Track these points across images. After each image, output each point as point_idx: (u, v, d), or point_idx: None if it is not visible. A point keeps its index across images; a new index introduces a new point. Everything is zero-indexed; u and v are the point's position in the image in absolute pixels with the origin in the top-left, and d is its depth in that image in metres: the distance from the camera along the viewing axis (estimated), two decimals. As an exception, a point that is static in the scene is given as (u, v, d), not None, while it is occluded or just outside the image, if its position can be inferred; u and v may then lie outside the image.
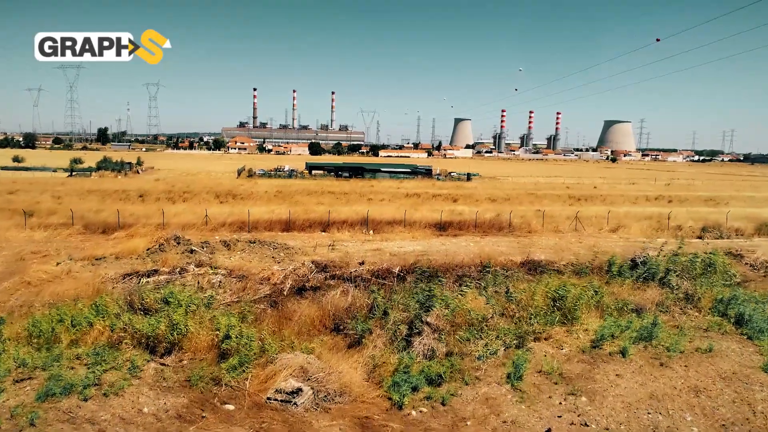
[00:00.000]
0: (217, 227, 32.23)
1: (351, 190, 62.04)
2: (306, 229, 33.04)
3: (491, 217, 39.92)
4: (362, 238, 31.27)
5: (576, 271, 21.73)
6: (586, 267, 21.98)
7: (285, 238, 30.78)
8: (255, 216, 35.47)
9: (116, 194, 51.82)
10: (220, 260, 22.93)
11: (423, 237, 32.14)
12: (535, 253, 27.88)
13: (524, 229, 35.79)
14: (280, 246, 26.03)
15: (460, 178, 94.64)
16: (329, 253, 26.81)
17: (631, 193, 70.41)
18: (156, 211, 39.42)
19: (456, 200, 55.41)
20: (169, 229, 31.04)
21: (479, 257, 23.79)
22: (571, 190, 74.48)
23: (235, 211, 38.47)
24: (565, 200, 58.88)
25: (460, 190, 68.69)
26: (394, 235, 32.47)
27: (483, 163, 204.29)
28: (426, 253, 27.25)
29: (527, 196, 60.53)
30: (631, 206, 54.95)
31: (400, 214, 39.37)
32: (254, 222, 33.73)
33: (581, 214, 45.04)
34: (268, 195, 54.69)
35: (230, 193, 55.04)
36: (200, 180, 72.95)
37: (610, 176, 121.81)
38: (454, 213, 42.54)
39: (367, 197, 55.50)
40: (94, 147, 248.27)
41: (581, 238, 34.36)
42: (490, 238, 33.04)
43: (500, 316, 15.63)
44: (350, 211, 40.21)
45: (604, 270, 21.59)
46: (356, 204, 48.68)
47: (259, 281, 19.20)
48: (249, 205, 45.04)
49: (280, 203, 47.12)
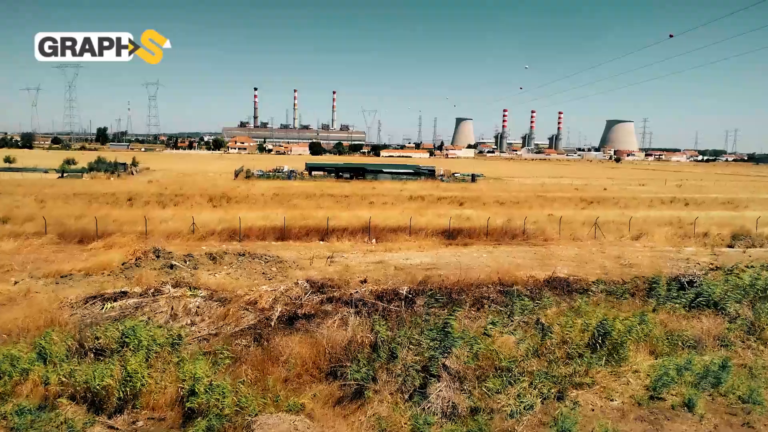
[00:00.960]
0: (206, 236, 29.51)
1: (352, 193, 59.30)
2: (303, 237, 30.29)
3: (502, 223, 37.16)
4: (364, 249, 28.52)
5: (609, 290, 18.95)
6: (620, 287, 19.21)
7: (279, 248, 28.03)
8: (248, 223, 32.75)
9: (104, 197, 49.13)
10: (202, 277, 20.19)
11: (430, 246, 29.39)
12: (557, 266, 25.10)
13: (539, 237, 33.02)
14: (272, 259, 23.29)
15: (464, 179, 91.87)
16: (327, 266, 24.06)
17: (644, 195, 67.59)
18: (143, 216, 36.74)
19: (462, 204, 52.63)
20: (152, 238, 28.35)
21: (497, 273, 21.03)
22: (580, 192, 71.68)
23: (227, 217, 35.75)
24: (577, 203, 56.08)
25: (465, 192, 65.91)
26: (398, 244, 29.71)
27: (485, 163, 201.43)
28: (435, 267, 24.51)
29: (536, 199, 57.74)
30: (647, 210, 52.15)
31: (404, 220, 36.63)
32: (247, 230, 31.01)
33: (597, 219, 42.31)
34: (265, 198, 51.96)
35: (225, 196, 52.32)
36: (195, 181, 70.24)
37: (616, 177, 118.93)
38: (461, 218, 39.78)
39: (368, 200, 52.76)
40: (93, 147, 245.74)
41: (602, 246, 31.58)
42: (503, 247, 30.28)
43: (533, 354, 12.88)
44: (351, 216, 37.48)
45: (643, 289, 18.85)
46: (357, 208, 45.93)
47: (244, 305, 16.45)
48: (244, 210, 42.36)
49: (277, 207, 44.38)
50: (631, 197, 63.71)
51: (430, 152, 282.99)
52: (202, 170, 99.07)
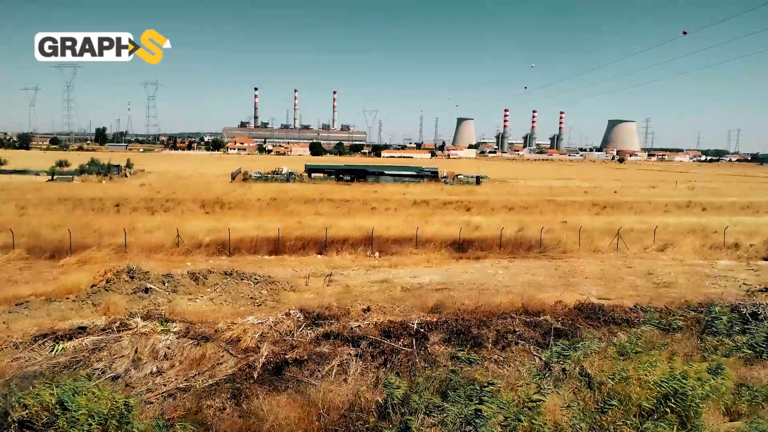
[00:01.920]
0: (192, 249, 26.80)
1: (353, 197, 56.59)
2: (299, 251, 27.58)
3: (515, 232, 34.46)
4: (366, 264, 25.81)
5: (654, 322, 16.21)
6: (666, 316, 16.48)
7: (273, 263, 25.33)
8: (240, 234, 30.05)
9: (91, 203, 46.44)
10: (180, 304, 17.51)
11: (439, 261, 26.68)
12: (583, 286, 22.40)
13: (557, 249, 30.31)
14: (262, 279, 20.57)
15: (468, 181, 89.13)
16: (325, 287, 21.36)
17: (657, 199, 64.82)
18: (128, 225, 34.06)
19: (469, 209, 49.91)
20: (132, 252, 25.69)
21: (520, 298, 18.31)
22: (590, 195, 68.93)
23: (219, 227, 33.05)
24: (589, 208, 53.34)
25: (471, 195, 63.18)
26: (404, 258, 27.00)
27: (488, 163, 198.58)
28: (446, 287, 21.82)
29: (547, 204, 54.99)
30: (664, 215, 49.41)
31: (409, 229, 33.92)
32: (238, 242, 28.30)
33: (614, 227, 39.58)
34: (261, 203, 49.26)
35: (219, 201, 49.61)
36: (190, 185, 67.54)
37: (624, 178, 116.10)
38: (470, 227, 37.06)
39: (370, 206, 50.06)
40: (91, 148, 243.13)
41: (627, 260, 28.86)
42: (519, 261, 27.56)
43: (584, 421, 10.15)
44: (352, 225, 34.77)
45: (692, 319, 16.13)
46: (359, 215, 43.23)
47: (224, 345, 13.75)
48: (237, 217, 39.69)
49: (273, 215, 41.68)
50: (645, 201, 60.95)
51: (431, 152, 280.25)
52: (198, 172, 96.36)
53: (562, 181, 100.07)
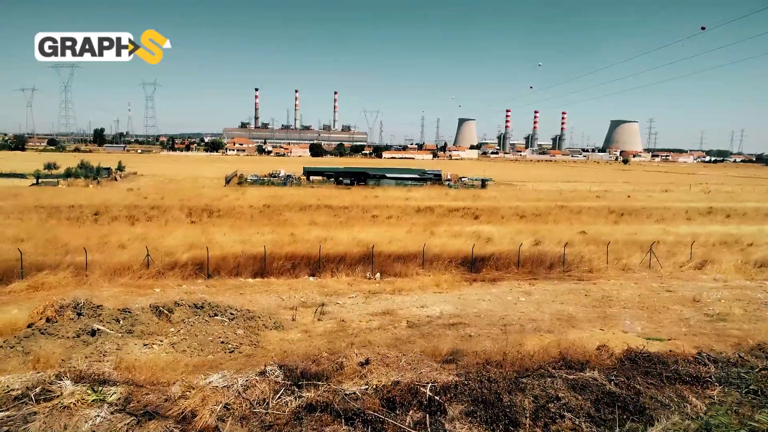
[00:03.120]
0: (165, 270, 23.26)
1: (352, 203, 53.09)
2: (288, 272, 24.05)
3: (531, 245, 30.92)
4: (365, 288, 22.27)
5: (722, 375, 12.65)
6: (745, 370, 12.91)
7: (256, 289, 21.80)
8: (223, 249, 26.56)
9: (69, 211, 43.01)
10: (132, 353, 14.02)
11: (450, 284, 23.12)
12: (622, 318, 18.86)
13: (582, 267, 26.76)
14: (240, 314, 17.06)
15: (473, 184, 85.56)
16: (315, 322, 17.83)
17: (675, 204, 61.23)
18: (101, 238, 30.63)
19: (477, 217, 46.38)
20: (93, 275, 22.18)
21: (555, 342, 14.78)
22: (603, 200, 65.36)
23: (202, 240, 29.57)
24: (606, 216, 49.78)
25: (478, 201, 59.64)
26: (409, 281, 23.48)
27: (491, 165, 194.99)
28: (462, 320, 18.30)
29: (560, 211, 51.45)
30: (688, 224, 45.86)
31: (413, 242, 30.45)
32: (220, 260, 24.75)
33: (638, 239, 36.07)
34: (253, 211, 45.77)
35: (207, 208, 46.14)
36: (181, 189, 64.09)
37: (632, 181, 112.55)
38: (481, 239, 33.55)
39: (371, 213, 46.55)
40: (88, 149, 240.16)
41: (663, 280, 25.31)
42: (542, 284, 24.00)
43: None
44: (350, 238, 31.29)
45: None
46: (358, 224, 39.73)
47: (173, 424, 10.21)
48: (225, 227, 36.24)
49: (265, 225, 38.20)
50: (662, 207, 57.36)
51: (433, 153, 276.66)
52: (193, 175, 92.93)
53: (570, 184, 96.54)
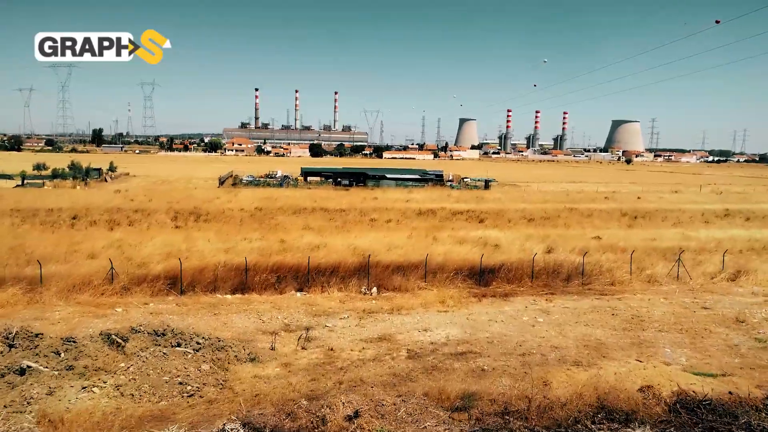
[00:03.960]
0: (132, 285, 20.46)
1: (350, 206, 50.30)
2: (273, 286, 21.24)
3: (543, 253, 28.15)
4: (360, 307, 19.47)
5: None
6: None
7: (234, 307, 19.01)
8: (202, 259, 23.81)
9: (47, 215, 40.27)
10: (64, 400, 11.25)
11: (457, 300, 20.32)
12: (660, 345, 16.06)
13: (603, 279, 23.94)
14: (208, 343, 14.29)
15: (476, 185, 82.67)
16: (298, 352, 15.05)
17: (688, 206, 58.37)
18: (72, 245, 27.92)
19: (483, 220, 43.56)
20: (48, 291, 19.39)
21: (593, 388, 12.01)
22: (612, 201, 62.52)
23: (181, 248, 26.86)
24: (618, 219, 46.94)
25: (482, 203, 56.81)
26: (410, 296, 20.68)
27: (492, 165, 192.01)
28: (472, 348, 15.52)
29: (570, 214, 48.63)
30: (707, 227, 43.05)
31: (414, 250, 27.72)
32: (197, 272, 21.94)
33: (657, 245, 33.30)
34: (243, 215, 42.99)
35: (195, 211, 43.37)
36: (171, 191, 61.35)
37: (639, 181, 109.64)
38: (488, 246, 30.79)
39: (369, 217, 43.77)
40: (85, 149, 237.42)
41: (695, 294, 22.50)
42: (560, 299, 21.19)
43: None
44: (345, 245, 28.53)
45: None
46: (355, 229, 36.98)
47: None
48: (211, 233, 33.50)
49: (254, 230, 35.42)
50: (676, 209, 54.50)
51: (434, 153, 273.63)
52: (187, 176, 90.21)
53: (576, 185, 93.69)
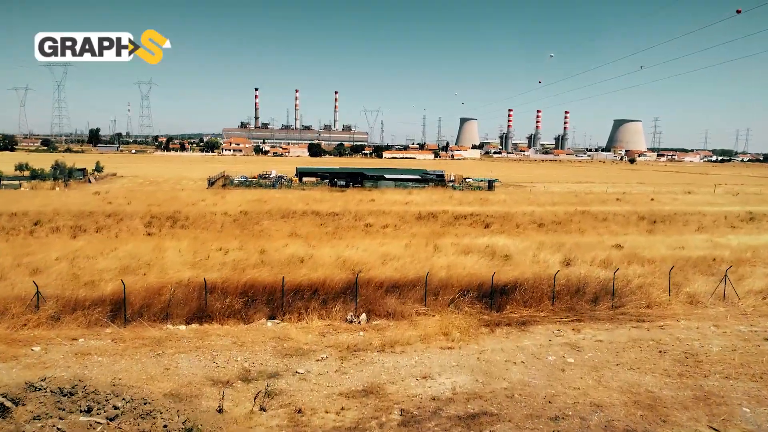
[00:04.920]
0: (64, 314, 16.65)
1: (344, 209, 46.54)
2: (239, 313, 17.45)
3: (561, 265, 24.40)
4: (343, 342, 15.68)
5: None
6: None
7: (184, 344, 15.23)
8: (162, 276, 20.08)
9: (9, 219, 36.61)
10: None
11: (464, 331, 16.54)
12: (732, 401, 12.29)
13: (636, 300, 20.14)
14: (129, 407, 10.52)
15: (479, 186, 78.81)
16: (253, 416, 11.26)
17: (706, 208, 54.56)
18: (17, 257, 24.17)
19: (489, 225, 39.77)
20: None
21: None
22: (625, 203, 58.70)
23: (144, 263, 23.14)
24: (636, 223, 43.12)
25: (486, 206, 53.02)
26: (406, 326, 16.90)
27: (494, 165, 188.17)
28: (487, 410, 11.73)
29: (582, 218, 44.83)
30: (734, 232, 39.25)
31: (413, 262, 24.02)
32: (150, 293, 18.16)
33: (685, 254, 29.52)
34: (226, 219, 39.24)
35: (174, 216, 39.63)
36: (156, 192, 57.65)
37: (647, 181, 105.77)
38: (497, 255, 27.07)
39: (364, 221, 39.99)
40: (80, 149, 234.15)
41: (749, 320, 18.72)
42: (589, 328, 17.40)
43: None
44: (333, 257, 24.78)
45: None
46: (347, 236, 33.24)
47: None
48: (186, 240, 29.80)
49: (235, 237, 31.71)
50: (696, 212, 50.67)
51: (434, 153, 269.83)
52: (178, 176, 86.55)
53: (582, 185, 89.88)
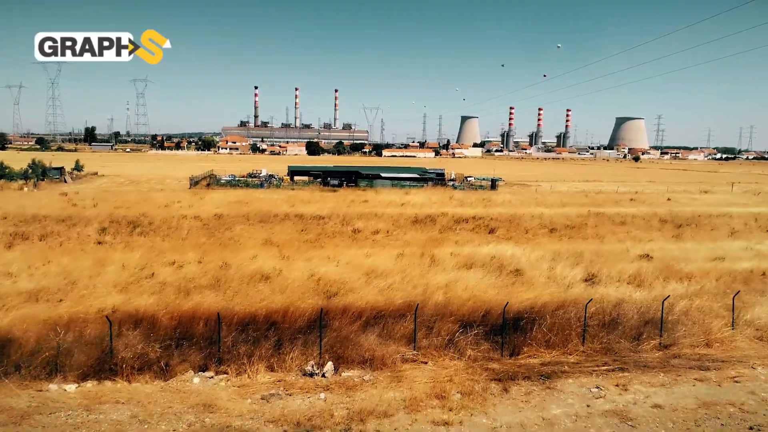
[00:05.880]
0: None
1: (333, 211, 41.97)
2: (156, 363, 12.86)
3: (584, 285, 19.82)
4: (293, 414, 10.90)
5: None
6: None
7: (60, 419, 10.67)
8: (80, 304, 15.55)
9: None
10: None
11: (467, 392, 11.92)
12: None
13: (690, 335, 15.54)
14: None
15: (482, 185, 74.18)
16: None
17: (730, 209, 49.94)
18: None
19: (494, 230, 35.17)
20: None
21: None
22: (640, 204, 54.08)
23: (72, 282, 18.60)
24: (658, 226, 38.52)
25: (490, 206, 48.42)
26: (387, 383, 12.27)
27: (496, 163, 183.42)
28: None
29: (598, 221, 40.21)
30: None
31: (404, 282, 19.56)
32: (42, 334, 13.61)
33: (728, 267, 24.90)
34: (196, 224, 34.66)
35: (138, 220, 35.07)
36: (130, 193, 53.13)
37: (658, 180, 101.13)
38: (505, 269, 22.53)
39: (353, 226, 35.41)
40: (73, 147, 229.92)
41: None
42: (637, 382, 12.76)
43: None
44: (305, 274, 20.22)
45: None
46: (330, 244, 28.69)
47: None
48: (138, 252, 25.20)
49: (198, 245, 27.18)
50: (722, 213, 46.05)
51: (435, 151, 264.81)
52: (163, 175, 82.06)
53: (590, 184, 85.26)
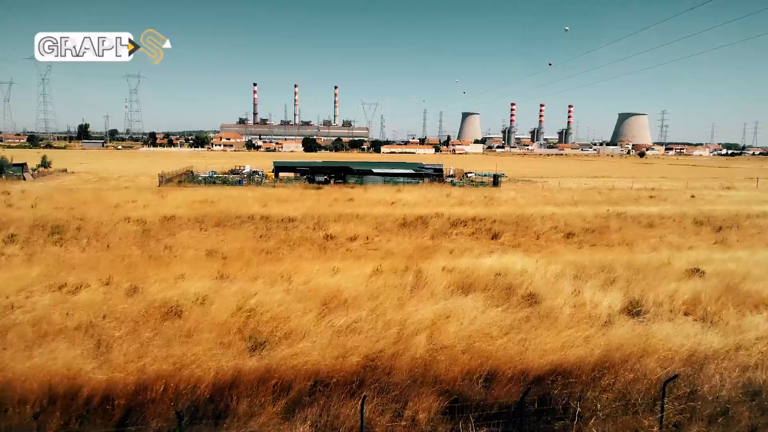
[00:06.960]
0: None
1: (308, 212, 35.98)
2: None
3: (625, 316, 13.89)
4: None
5: None
6: None
7: None
8: None
9: None
10: None
11: None
12: None
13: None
14: None
15: (483, 181, 68.16)
16: None
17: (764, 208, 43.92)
18: None
19: (497, 235, 29.18)
20: None
21: None
22: (661, 202, 48.05)
23: None
24: (694, 230, 32.48)
25: (492, 206, 42.41)
26: None
27: (498, 159, 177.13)
28: None
29: (621, 223, 34.15)
30: (835, 244, 28.58)
31: (369, 322, 13.63)
32: None
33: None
34: (136, 228, 28.59)
35: (67, 224, 29.11)
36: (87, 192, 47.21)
37: (670, 176, 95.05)
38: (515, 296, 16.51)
39: (326, 230, 29.40)
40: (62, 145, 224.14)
41: None
42: None
43: None
44: (232, 307, 14.26)
45: None
46: (290, 256, 22.73)
47: None
48: (37, 267, 19.28)
49: (120, 259, 21.19)
50: (759, 213, 40.02)
51: (435, 148, 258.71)
52: (139, 172, 76.16)
53: (600, 180, 79.21)
